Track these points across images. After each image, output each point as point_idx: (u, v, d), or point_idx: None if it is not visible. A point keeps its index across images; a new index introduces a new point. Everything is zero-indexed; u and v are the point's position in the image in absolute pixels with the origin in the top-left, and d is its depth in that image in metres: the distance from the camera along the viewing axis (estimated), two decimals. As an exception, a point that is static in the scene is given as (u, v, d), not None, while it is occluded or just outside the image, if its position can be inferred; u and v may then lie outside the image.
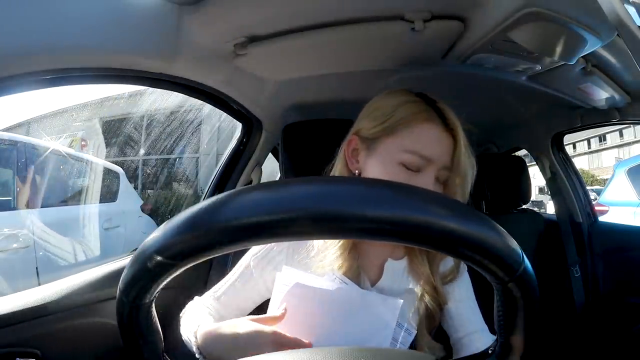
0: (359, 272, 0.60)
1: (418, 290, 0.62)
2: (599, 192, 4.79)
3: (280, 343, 0.49)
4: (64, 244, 2.53)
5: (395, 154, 0.57)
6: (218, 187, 1.20)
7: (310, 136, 0.89)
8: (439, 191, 0.59)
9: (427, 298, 0.62)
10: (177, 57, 0.74)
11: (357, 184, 0.31)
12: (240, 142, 1.20)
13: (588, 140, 21.14)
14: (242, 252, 0.65)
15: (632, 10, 0.44)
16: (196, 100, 0.97)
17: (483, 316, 0.67)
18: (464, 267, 0.67)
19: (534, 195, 5.20)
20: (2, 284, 1.96)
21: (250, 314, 0.62)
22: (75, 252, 2.56)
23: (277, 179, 1.47)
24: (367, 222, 0.27)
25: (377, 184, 0.32)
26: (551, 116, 1.32)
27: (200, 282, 1.04)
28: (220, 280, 0.67)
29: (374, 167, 0.59)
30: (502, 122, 1.48)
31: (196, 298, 0.67)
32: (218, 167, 1.25)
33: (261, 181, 1.27)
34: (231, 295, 0.65)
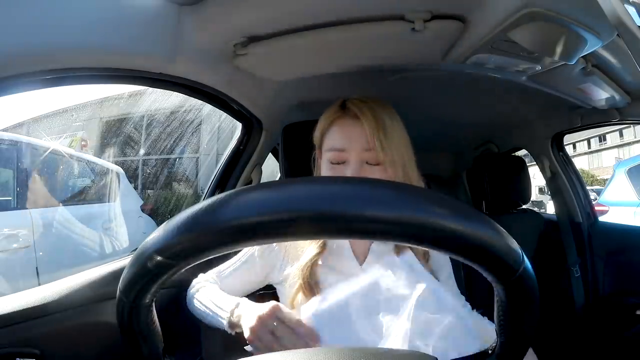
0: (350, 254, 0.68)
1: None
2: (599, 192, 4.79)
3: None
4: (64, 244, 2.53)
5: (325, 156, 0.70)
6: (218, 187, 1.20)
7: (310, 136, 0.89)
8: (376, 174, 0.66)
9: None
10: (177, 57, 0.74)
11: (358, 184, 0.31)
12: (240, 142, 1.20)
13: (588, 140, 21.14)
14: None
15: (632, 10, 0.44)
16: (196, 100, 0.97)
17: (483, 316, 0.67)
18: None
19: (534, 195, 5.19)
20: (2, 284, 1.96)
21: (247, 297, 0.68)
22: (75, 252, 2.55)
23: (277, 179, 1.47)
24: (367, 222, 0.27)
25: (377, 184, 0.32)
26: (551, 116, 1.32)
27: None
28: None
29: (321, 171, 0.71)
30: (502, 122, 1.48)
31: (200, 275, 0.76)
32: (218, 167, 1.25)
33: (261, 181, 1.27)
34: (237, 278, 0.74)
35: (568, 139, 1.53)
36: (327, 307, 0.54)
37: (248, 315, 0.57)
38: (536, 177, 1.94)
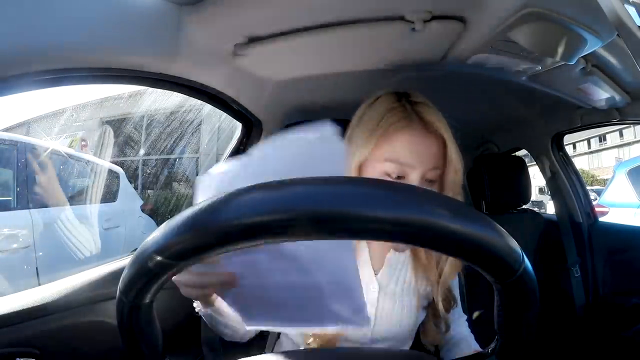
0: (367, 260, 0.66)
1: (420, 284, 0.66)
2: (599, 192, 4.79)
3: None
4: (63, 244, 2.53)
5: (378, 163, 0.60)
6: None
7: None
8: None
9: (426, 290, 0.66)
10: (177, 57, 0.74)
11: (358, 184, 0.30)
12: (240, 142, 1.20)
13: (588, 140, 21.13)
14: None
15: (632, 10, 0.44)
16: (196, 100, 0.97)
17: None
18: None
19: (534, 195, 5.19)
20: (2, 284, 1.96)
21: None
22: (75, 252, 2.55)
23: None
24: (367, 222, 0.27)
25: (377, 184, 0.32)
26: (551, 116, 1.32)
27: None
28: None
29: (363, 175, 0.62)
30: (502, 122, 1.48)
31: None
32: (218, 167, 1.25)
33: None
34: None
35: (568, 139, 1.53)
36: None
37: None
38: (536, 177, 1.94)
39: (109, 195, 3.38)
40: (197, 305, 0.55)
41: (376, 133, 0.60)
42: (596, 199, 3.94)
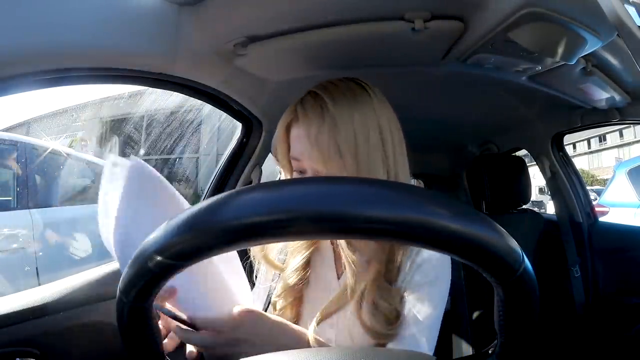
0: (331, 264, 0.64)
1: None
2: (599, 192, 4.79)
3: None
4: (63, 244, 2.53)
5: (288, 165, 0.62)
6: (218, 187, 1.20)
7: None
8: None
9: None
10: (177, 57, 0.74)
11: (357, 184, 0.30)
12: (240, 142, 1.20)
13: (588, 140, 21.14)
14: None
15: (632, 10, 0.44)
16: (196, 100, 0.97)
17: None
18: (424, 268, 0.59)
19: (534, 195, 5.20)
20: (2, 284, 1.97)
21: None
22: (75, 252, 2.56)
23: (277, 179, 1.46)
24: (367, 222, 0.27)
25: (377, 184, 0.32)
26: (551, 116, 1.32)
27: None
28: None
29: None
30: (502, 122, 1.48)
31: None
32: (218, 167, 1.25)
33: (261, 181, 1.27)
34: None
35: (568, 139, 1.53)
36: None
37: None
38: (536, 177, 1.94)
39: (109, 195, 3.38)
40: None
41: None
42: (596, 199, 3.94)
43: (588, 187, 1.59)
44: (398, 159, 0.59)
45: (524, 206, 1.47)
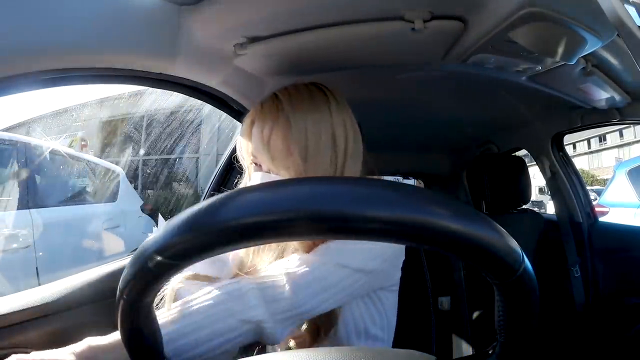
0: None
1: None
2: (599, 192, 4.79)
3: None
4: (63, 244, 2.53)
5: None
6: (218, 187, 1.20)
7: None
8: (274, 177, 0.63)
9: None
10: (177, 57, 0.74)
11: (357, 184, 0.31)
12: (240, 142, 1.20)
13: (588, 140, 21.14)
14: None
15: (632, 10, 0.44)
16: (196, 100, 0.97)
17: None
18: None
19: (534, 195, 5.19)
20: (2, 284, 1.97)
21: None
22: (74, 253, 2.56)
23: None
24: (367, 222, 0.27)
25: (377, 184, 0.32)
26: (551, 116, 1.32)
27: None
28: None
29: None
30: (502, 122, 1.48)
31: None
32: (218, 167, 1.25)
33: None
34: None
35: (568, 139, 1.53)
36: None
37: None
38: (536, 177, 1.94)
39: (109, 195, 3.39)
40: None
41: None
42: (596, 199, 3.94)
43: (588, 187, 1.59)
44: (348, 160, 0.63)
45: (524, 206, 1.47)
